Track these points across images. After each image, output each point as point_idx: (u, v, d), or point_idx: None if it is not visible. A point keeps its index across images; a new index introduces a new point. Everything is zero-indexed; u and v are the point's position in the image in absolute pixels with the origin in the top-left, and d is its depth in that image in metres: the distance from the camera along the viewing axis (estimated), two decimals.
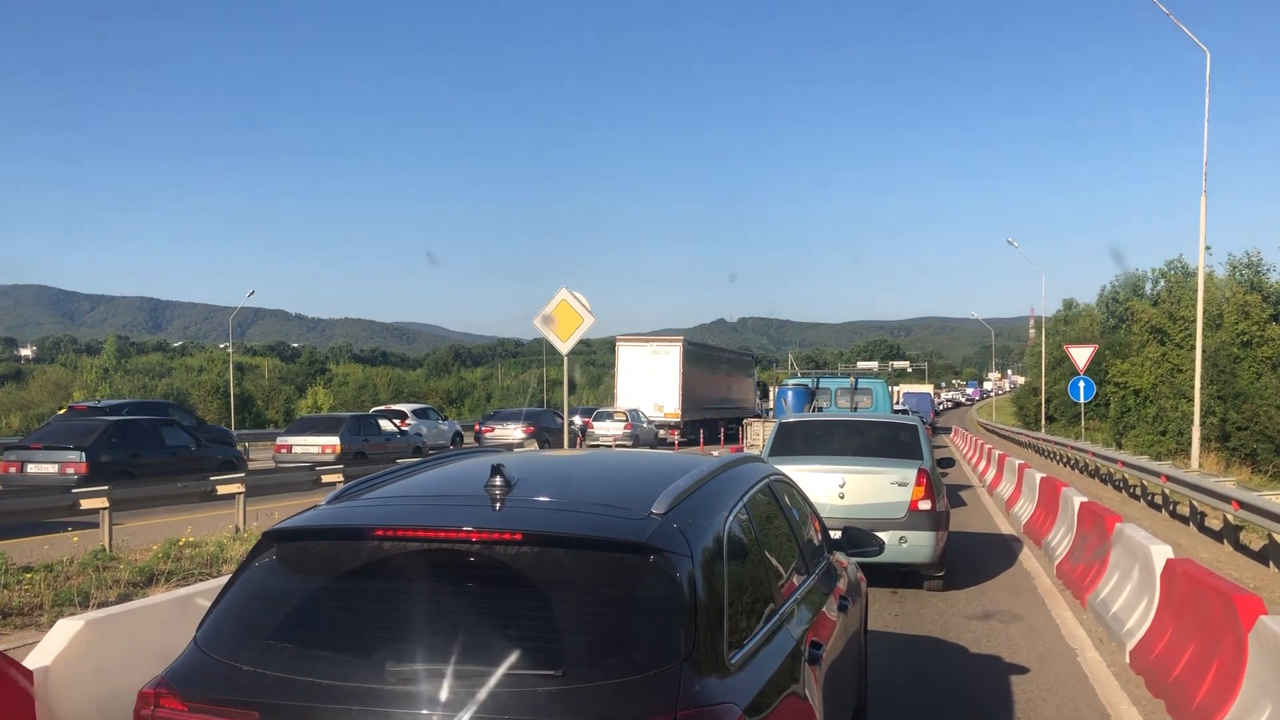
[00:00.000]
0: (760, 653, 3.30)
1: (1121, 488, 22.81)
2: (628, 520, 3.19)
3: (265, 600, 3.14)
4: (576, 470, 4.40)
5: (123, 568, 9.91)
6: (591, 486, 3.78)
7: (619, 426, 36.24)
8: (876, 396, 24.08)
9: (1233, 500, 12.93)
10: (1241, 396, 39.45)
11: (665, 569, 2.99)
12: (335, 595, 3.13)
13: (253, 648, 2.96)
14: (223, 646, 3.00)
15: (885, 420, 12.83)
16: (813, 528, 5.09)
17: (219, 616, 3.12)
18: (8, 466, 17.29)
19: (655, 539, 3.06)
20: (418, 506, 3.52)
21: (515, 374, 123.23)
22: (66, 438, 17.63)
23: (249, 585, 3.17)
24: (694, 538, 3.18)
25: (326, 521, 3.35)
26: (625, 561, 3.04)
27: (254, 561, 3.21)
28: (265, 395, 78.15)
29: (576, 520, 3.23)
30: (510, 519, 3.18)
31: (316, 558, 3.25)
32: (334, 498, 3.60)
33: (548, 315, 17.41)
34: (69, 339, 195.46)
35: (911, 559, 10.09)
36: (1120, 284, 63.08)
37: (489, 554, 3.03)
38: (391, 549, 3.09)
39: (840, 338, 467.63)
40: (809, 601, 4.21)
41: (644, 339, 44.65)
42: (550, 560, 3.05)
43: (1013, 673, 7.41)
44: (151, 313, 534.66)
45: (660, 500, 3.30)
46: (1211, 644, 6.06)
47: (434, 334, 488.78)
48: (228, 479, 14.31)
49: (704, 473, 3.81)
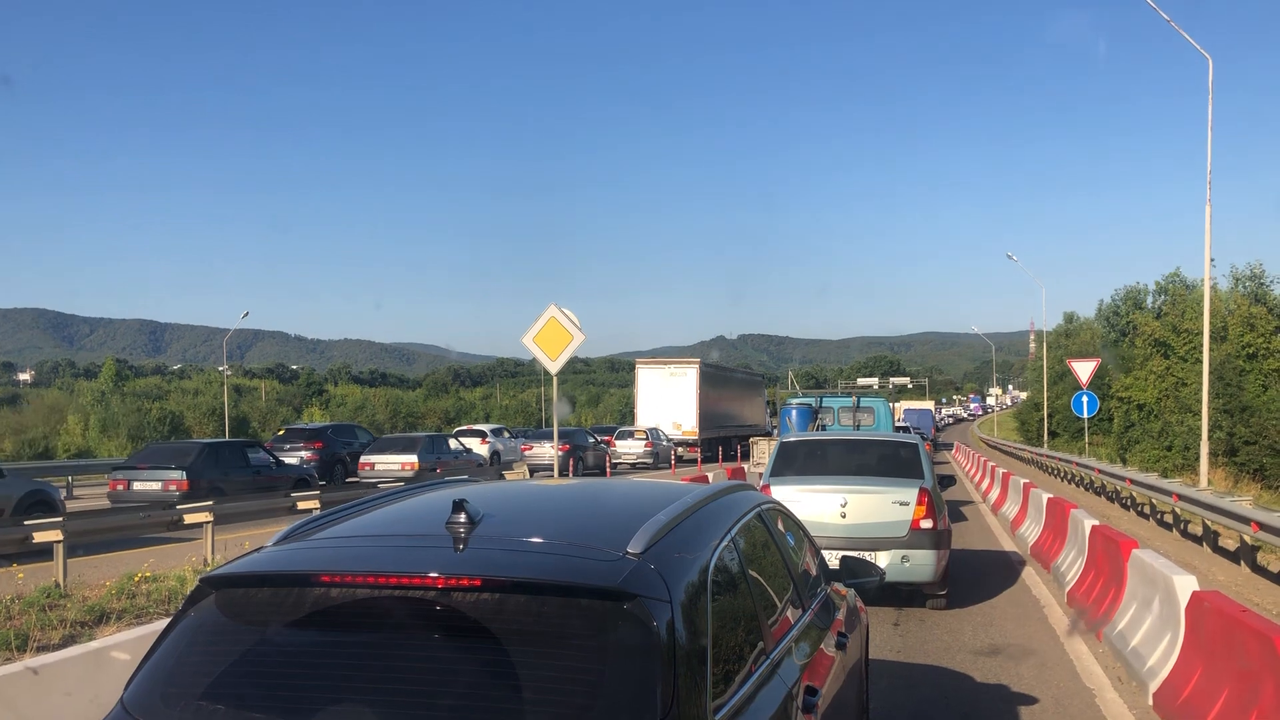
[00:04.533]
0: (750, 706, 2.98)
1: (1130, 506, 22.20)
2: (600, 562, 2.86)
3: (201, 655, 2.81)
4: (549, 503, 4.00)
5: (70, 606, 9.28)
6: (564, 522, 3.47)
7: (640, 445, 37.72)
8: (878, 415, 24.33)
9: (1252, 521, 12.33)
10: (1248, 410, 38.87)
11: (640, 616, 2.67)
12: (277, 650, 2.79)
13: (182, 709, 2.65)
14: (150, 708, 2.68)
15: (886, 439, 12.63)
16: (809, 557, 4.75)
17: (149, 674, 2.79)
18: (115, 484, 19.32)
19: (629, 583, 2.74)
20: (369, 548, 3.14)
21: (514, 394, 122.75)
22: (168, 458, 19.64)
23: (183, 638, 2.85)
24: (674, 579, 2.86)
25: (267, 567, 3.00)
26: (596, 609, 2.70)
27: (189, 611, 2.90)
28: (262, 417, 77.72)
29: (542, 562, 2.92)
30: (469, 562, 2.86)
31: (257, 607, 2.89)
32: (281, 537, 3.22)
33: (536, 332, 16.94)
34: (67, 363, 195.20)
35: (913, 578, 9.95)
36: (1120, 297, 62.67)
37: (445, 601, 2.70)
38: (339, 596, 2.78)
39: (840, 354, 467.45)
40: (804, 640, 3.88)
41: (662, 361, 46.90)
42: (513, 608, 2.71)
43: (1027, 716, 6.78)
44: (151, 335, 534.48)
45: (637, 538, 2.95)
46: (1249, 690, 5.44)
47: (434, 355, 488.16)
48: (306, 495, 15.76)
49: (688, 504, 3.46)
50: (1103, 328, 63.85)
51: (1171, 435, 42.56)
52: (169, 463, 19.30)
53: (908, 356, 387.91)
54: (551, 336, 16.89)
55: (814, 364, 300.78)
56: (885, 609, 10.09)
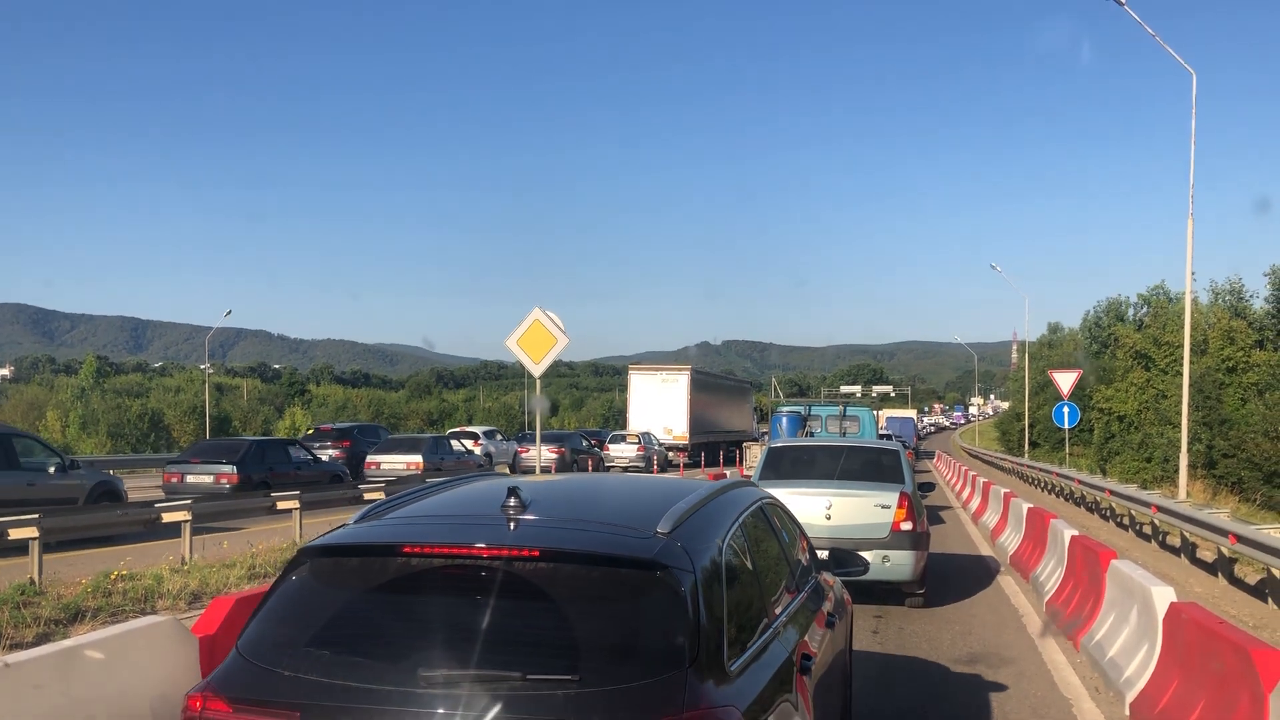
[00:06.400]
0: (757, 662, 3.51)
1: (1109, 517, 22.29)
2: (635, 538, 3.41)
3: (301, 611, 3.35)
4: (584, 492, 4.63)
5: (45, 604, 9.18)
6: (599, 507, 4.02)
7: (632, 449, 38.18)
8: (863, 423, 24.96)
9: (1229, 534, 12.37)
10: (1227, 423, 39.17)
11: (670, 583, 3.20)
12: (367, 607, 3.34)
13: (291, 655, 3.15)
14: (263, 653, 3.19)
15: (869, 445, 13.09)
16: (801, 548, 5.28)
17: (259, 626, 3.30)
18: (169, 477, 20.89)
19: (661, 556, 3.29)
20: (440, 525, 3.73)
21: (498, 396, 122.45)
22: (219, 454, 21.06)
23: (285, 597, 3.38)
24: (696, 555, 3.39)
25: (357, 539, 3.57)
26: (634, 576, 3.27)
27: (290, 575, 3.43)
28: (243, 416, 77.27)
29: (588, 538, 3.45)
30: (527, 537, 3.39)
31: (348, 572, 3.46)
32: (360, 517, 3.78)
33: (520, 335, 16.89)
34: (48, 358, 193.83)
35: (893, 577, 10.46)
36: (1103, 309, 63.08)
37: (508, 569, 3.23)
38: (418, 564, 3.30)
39: (824, 362, 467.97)
40: (800, 617, 4.40)
41: (654, 368, 47.80)
42: (564, 575, 3.26)
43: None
44: (133, 332, 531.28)
45: (664, 520, 3.51)
46: (1225, 701, 5.46)
47: (417, 356, 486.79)
48: (371, 485, 17.00)
49: (702, 496, 4.02)
50: (1085, 339, 64.22)
51: (1151, 447, 42.85)
52: (220, 458, 20.65)
53: (891, 365, 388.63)
54: (535, 340, 16.85)
55: (797, 370, 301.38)
56: (864, 618, 10.09)
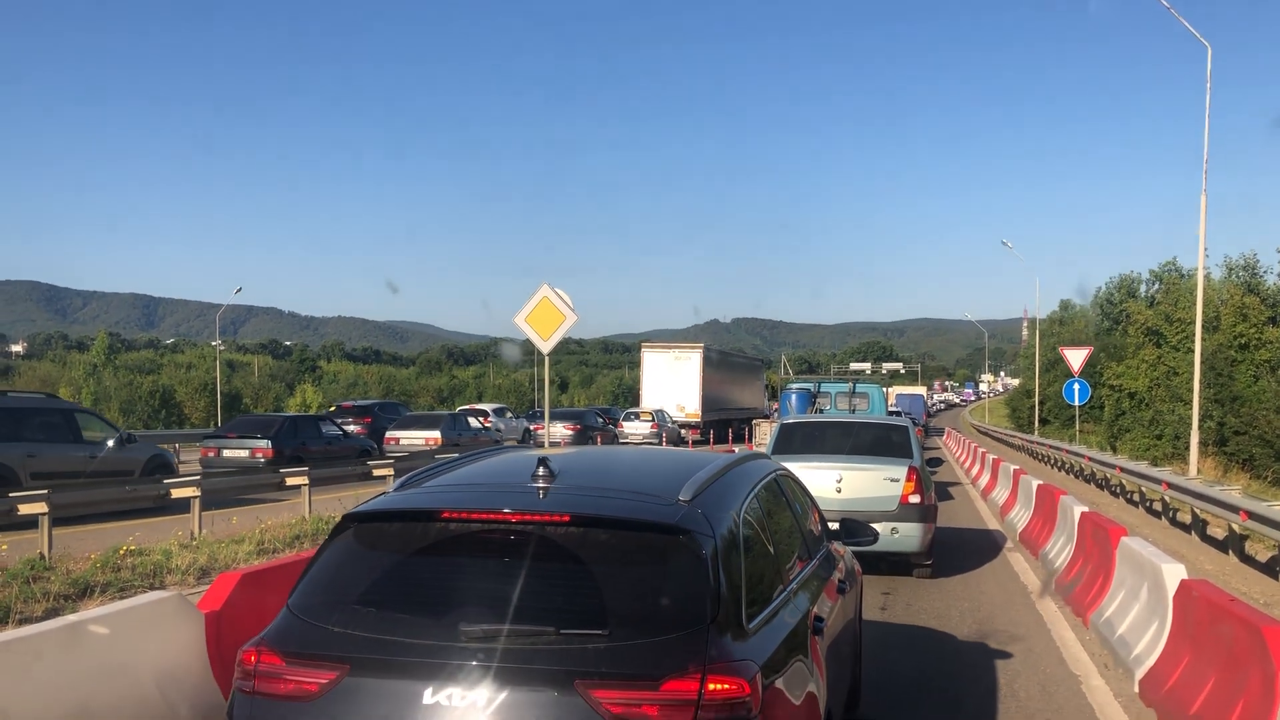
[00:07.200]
0: (773, 621, 3.71)
1: (1119, 494, 22.22)
2: (659, 505, 3.63)
3: (347, 572, 3.56)
4: (609, 463, 4.80)
5: (54, 579, 9.20)
6: (624, 477, 4.21)
7: (646, 426, 38.72)
8: (873, 400, 25.02)
9: (1240, 510, 12.31)
10: (1239, 400, 38.94)
11: (692, 547, 3.41)
12: (409, 568, 3.54)
13: (340, 612, 3.36)
14: (313, 611, 3.41)
15: (879, 422, 13.46)
16: (814, 519, 5.48)
17: (308, 586, 3.52)
18: (206, 451, 21.61)
19: (684, 521, 3.50)
20: (477, 493, 3.93)
21: (508, 373, 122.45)
22: (254, 429, 22.11)
23: (332, 559, 3.59)
24: (715, 521, 3.60)
25: (398, 505, 3.78)
26: (659, 540, 3.48)
27: (335, 539, 3.64)
28: (254, 393, 77.40)
29: (615, 505, 3.66)
30: (559, 503, 3.57)
31: (391, 536, 3.67)
32: (399, 485, 4.02)
33: (529, 312, 16.85)
34: (60, 335, 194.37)
35: (902, 548, 10.77)
36: (1115, 285, 62.67)
37: (542, 533, 3.44)
38: (457, 529, 3.52)
39: (833, 339, 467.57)
40: (812, 583, 4.60)
41: (667, 345, 47.91)
42: (594, 539, 3.47)
43: (1012, 702, 6.76)
44: (145, 309, 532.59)
45: (686, 489, 3.73)
46: (1236, 679, 5.42)
47: (428, 333, 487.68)
48: (381, 462, 17.53)
49: (720, 467, 4.23)
50: (1097, 315, 63.85)
51: (1162, 424, 42.63)
52: (255, 432, 21.70)
53: (901, 342, 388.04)
54: (544, 317, 16.81)
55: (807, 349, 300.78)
56: (873, 594, 10.07)
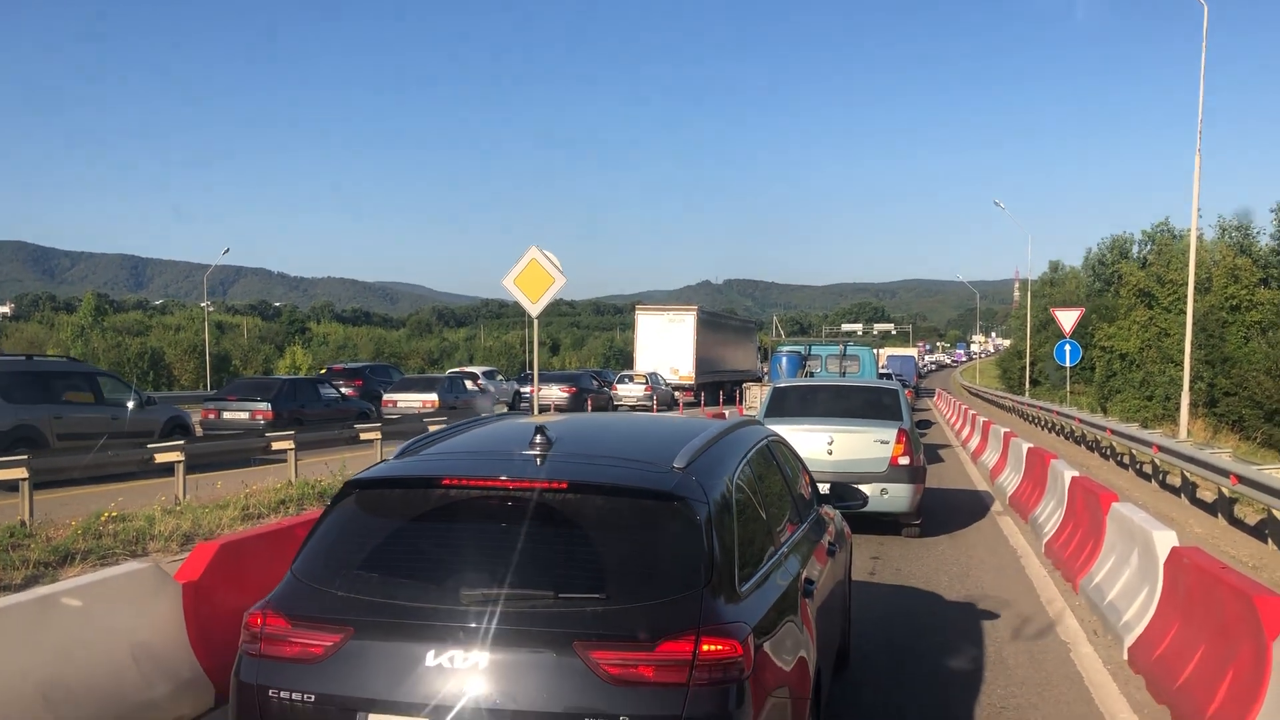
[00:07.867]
0: (765, 584, 3.81)
1: (1109, 456, 22.24)
2: (654, 472, 3.72)
3: (350, 538, 3.62)
4: (605, 431, 4.84)
5: (34, 546, 9.09)
6: (620, 445, 4.30)
7: (640, 389, 38.61)
8: (863, 363, 24.94)
9: (1230, 474, 12.27)
10: (1230, 361, 38.97)
11: (686, 513, 3.52)
12: (410, 534, 3.61)
13: (343, 576, 3.45)
14: (317, 576, 3.49)
15: (869, 385, 13.55)
16: (804, 483, 5.62)
17: (311, 551, 3.60)
18: (207, 413, 21.53)
19: (678, 488, 3.61)
20: (476, 460, 3.98)
21: (498, 335, 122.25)
22: (254, 391, 21.99)
23: (335, 525, 3.66)
24: (709, 487, 3.71)
25: (399, 472, 3.86)
26: (653, 506, 3.57)
27: (336, 506, 3.72)
28: (244, 355, 77.07)
29: (611, 472, 3.74)
30: (556, 471, 3.64)
31: (392, 503, 3.75)
32: (400, 453, 4.10)
33: (517, 275, 16.67)
34: (47, 296, 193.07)
35: (891, 508, 10.99)
36: (1107, 246, 62.56)
37: (540, 500, 3.52)
38: (457, 495, 3.61)
39: (825, 300, 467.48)
40: (802, 546, 4.71)
41: (661, 308, 47.80)
42: (591, 505, 3.56)
43: (1000, 667, 6.72)
44: (133, 270, 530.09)
45: (680, 456, 3.83)
46: (1227, 648, 5.35)
47: (418, 294, 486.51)
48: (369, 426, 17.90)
49: (713, 434, 4.33)
50: (1089, 277, 63.79)
51: (1153, 385, 42.70)
52: (255, 395, 21.62)
53: (892, 303, 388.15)
54: (532, 279, 16.65)
55: (798, 310, 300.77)
56: (861, 558, 10.02)
